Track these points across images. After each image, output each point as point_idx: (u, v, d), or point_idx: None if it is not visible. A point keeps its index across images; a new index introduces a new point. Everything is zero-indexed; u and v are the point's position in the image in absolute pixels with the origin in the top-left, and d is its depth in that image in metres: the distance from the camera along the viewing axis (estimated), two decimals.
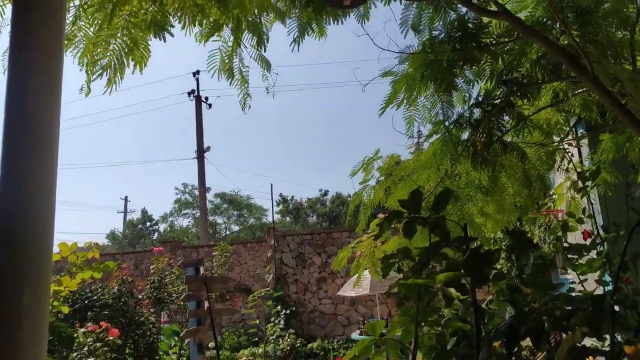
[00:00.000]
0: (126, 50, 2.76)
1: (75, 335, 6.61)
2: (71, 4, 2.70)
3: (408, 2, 3.35)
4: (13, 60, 1.75)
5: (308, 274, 14.21)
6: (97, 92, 3.17)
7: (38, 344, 1.61)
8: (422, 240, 2.85)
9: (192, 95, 23.08)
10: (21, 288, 1.61)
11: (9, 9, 2.68)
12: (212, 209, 32.16)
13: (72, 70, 2.81)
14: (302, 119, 58.89)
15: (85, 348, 7.61)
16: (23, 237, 1.65)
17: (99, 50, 2.74)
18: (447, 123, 3.47)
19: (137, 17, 2.72)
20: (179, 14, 2.57)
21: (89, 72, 2.80)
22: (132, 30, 2.75)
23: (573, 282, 2.20)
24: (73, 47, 2.78)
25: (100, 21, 2.61)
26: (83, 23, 2.73)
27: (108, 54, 2.77)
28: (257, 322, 11.75)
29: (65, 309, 3.01)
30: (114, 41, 2.76)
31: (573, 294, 1.69)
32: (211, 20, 2.84)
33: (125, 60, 2.76)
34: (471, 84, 3.61)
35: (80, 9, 2.71)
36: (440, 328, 1.55)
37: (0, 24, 2.74)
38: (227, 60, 3.09)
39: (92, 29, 2.73)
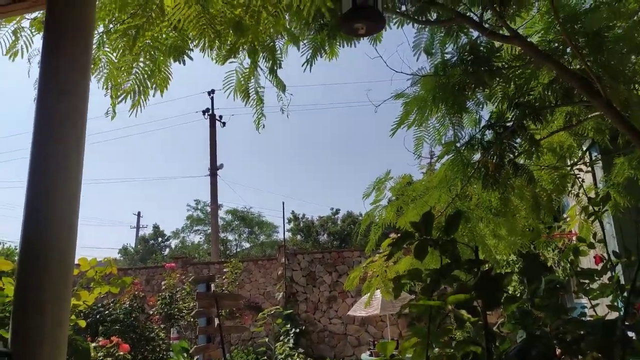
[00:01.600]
0: (148, 73, 2.86)
1: None
2: (95, 32, 2.80)
3: (421, 25, 3.42)
4: (43, 85, 1.83)
5: (318, 292, 14.15)
6: (105, 108, 3.24)
7: (59, 356, 1.65)
8: (434, 261, 2.86)
9: (206, 113, 23.36)
10: (45, 300, 1.67)
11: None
12: (223, 226, 32.25)
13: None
14: (315, 138, 59.18)
15: None
16: (48, 251, 1.71)
17: (122, 75, 2.84)
18: (458, 144, 3.50)
19: (159, 42, 2.82)
20: (197, 40, 2.66)
21: (114, 97, 2.90)
22: (154, 54, 2.84)
23: (584, 307, 2.20)
24: (97, 72, 2.88)
25: (123, 46, 2.70)
26: (107, 49, 2.83)
27: (131, 77, 2.87)
28: (267, 340, 11.70)
29: (83, 323, 3.06)
30: (136, 65, 2.86)
31: (585, 319, 1.69)
32: (228, 44, 2.92)
33: (148, 83, 2.85)
34: (482, 105, 3.65)
35: (104, 35, 2.81)
36: (451, 350, 1.56)
37: (30, 52, 2.90)
38: (243, 82, 3.17)
39: (115, 55, 2.83)
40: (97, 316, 9.32)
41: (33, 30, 2.89)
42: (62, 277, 1.73)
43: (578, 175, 3.86)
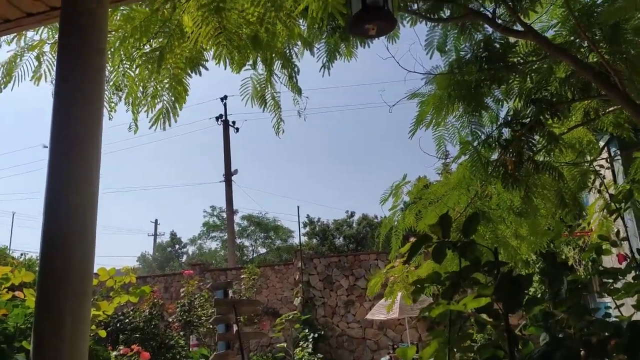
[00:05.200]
0: (176, 95, 2.90)
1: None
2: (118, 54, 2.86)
3: (433, 23, 3.39)
4: (58, 99, 1.85)
5: (336, 296, 14.10)
6: (124, 119, 3.28)
7: None
8: (454, 265, 2.81)
9: (219, 120, 23.49)
10: (65, 311, 1.67)
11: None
12: (239, 232, 32.37)
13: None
14: (327, 141, 59.22)
15: None
16: (67, 262, 1.72)
17: (148, 98, 2.90)
18: (475, 143, 3.46)
19: (178, 57, 2.86)
20: (217, 58, 2.68)
21: (135, 112, 2.95)
22: (172, 70, 2.88)
23: (608, 308, 2.14)
24: (114, 88, 2.94)
25: (150, 69, 2.75)
26: (127, 65, 2.89)
27: (158, 100, 2.92)
28: (285, 346, 11.67)
29: (103, 333, 3.08)
30: (162, 87, 2.91)
31: (610, 320, 1.64)
32: (247, 59, 2.95)
33: (176, 105, 2.90)
34: (500, 103, 3.60)
35: (123, 56, 2.85)
36: (472, 354, 1.52)
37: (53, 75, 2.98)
38: (259, 88, 3.17)
39: (136, 72, 2.89)
40: (118, 325, 9.39)
41: (54, 54, 2.96)
42: (82, 288, 1.74)
43: (599, 172, 3.78)
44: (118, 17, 2.76)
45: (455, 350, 1.46)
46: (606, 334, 1.48)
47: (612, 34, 2.88)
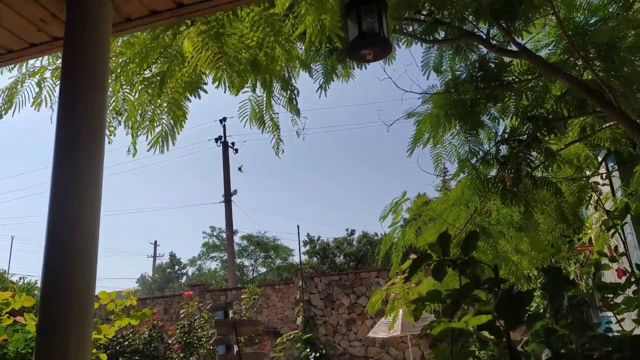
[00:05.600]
0: (175, 119, 2.94)
1: None
2: (119, 79, 2.90)
3: (429, 45, 3.45)
4: (60, 122, 1.88)
5: (337, 315, 13.98)
6: (122, 141, 3.31)
7: None
8: (455, 281, 2.81)
9: (219, 141, 23.55)
10: (67, 336, 1.67)
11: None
12: (239, 251, 32.22)
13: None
14: (326, 159, 59.35)
15: None
16: (69, 286, 1.73)
17: (147, 122, 2.93)
18: (474, 160, 3.49)
19: (178, 81, 2.90)
20: (217, 81, 2.72)
21: (135, 135, 2.98)
22: (172, 94, 2.92)
23: (610, 322, 2.15)
24: (114, 112, 2.98)
25: (150, 94, 2.79)
26: (127, 90, 2.93)
27: (157, 125, 2.95)
28: None
29: (104, 357, 3.06)
30: (161, 111, 2.94)
31: (612, 335, 1.65)
32: (247, 82, 3.00)
33: (175, 129, 2.93)
34: (497, 120, 3.64)
35: (123, 80, 2.89)
36: None
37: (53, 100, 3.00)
38: (257, 110, 3.20)
39: (136, 98, 2.93)
40: (117, 347, 9.30)
41: (55, 80, 3.00)
42: (85, 312, 1.74)
43: (595, 188, 3.81)
44: (119, 43, 2.81)
45: None
46: (608, 348, 1.49)
47: (606, 52, 2.93)
